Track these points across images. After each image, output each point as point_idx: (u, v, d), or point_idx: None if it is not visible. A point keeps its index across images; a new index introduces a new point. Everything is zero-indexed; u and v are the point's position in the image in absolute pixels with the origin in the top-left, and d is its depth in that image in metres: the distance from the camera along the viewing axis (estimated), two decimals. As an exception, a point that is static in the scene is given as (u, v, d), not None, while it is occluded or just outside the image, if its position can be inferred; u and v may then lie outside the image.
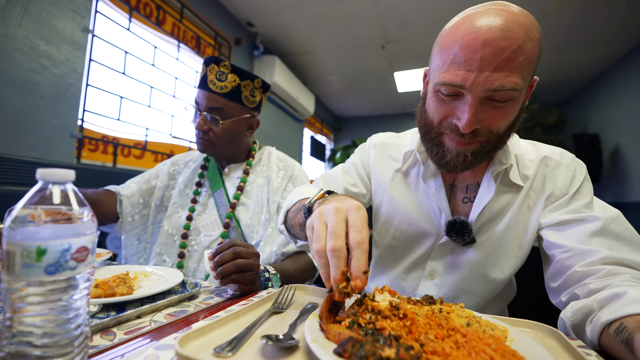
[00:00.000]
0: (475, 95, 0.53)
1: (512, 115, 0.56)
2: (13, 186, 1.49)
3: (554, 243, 0.60)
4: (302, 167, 1.14)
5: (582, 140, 4.36)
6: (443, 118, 0.59)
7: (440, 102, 0.58)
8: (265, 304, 0.54)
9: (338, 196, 0.50)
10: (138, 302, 0.55)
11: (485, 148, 0.59)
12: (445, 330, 0.37)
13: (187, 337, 0.37)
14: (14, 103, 1.51)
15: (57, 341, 0.29)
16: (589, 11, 2.95)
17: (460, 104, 0.55)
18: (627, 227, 0.57)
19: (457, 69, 0.53)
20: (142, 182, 1.09)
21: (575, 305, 0.51)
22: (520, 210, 0.66)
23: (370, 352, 0.31)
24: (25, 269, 0.28)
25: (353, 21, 3.20)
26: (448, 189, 0.72)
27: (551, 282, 0.61)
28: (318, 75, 4.61)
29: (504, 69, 0.50)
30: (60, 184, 0.32)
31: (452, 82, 0.53)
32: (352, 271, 0.38)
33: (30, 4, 1.56)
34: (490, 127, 0.56)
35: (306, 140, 5.46)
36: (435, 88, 0.58)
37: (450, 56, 0.54)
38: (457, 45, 0.53)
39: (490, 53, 0.50)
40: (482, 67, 0.51)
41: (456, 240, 0.67)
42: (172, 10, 2.62)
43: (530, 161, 0.68)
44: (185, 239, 1.01)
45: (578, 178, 0.64)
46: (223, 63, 0.95)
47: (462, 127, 0.55)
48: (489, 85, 0.51)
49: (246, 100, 1.00)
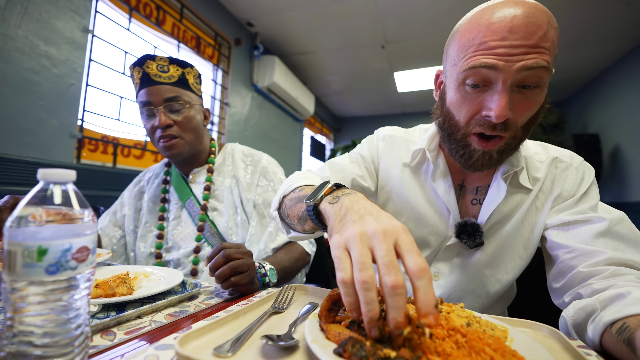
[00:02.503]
0: (507, 79, 0.50)
1: (538, 105, 0.55)
2: (13, 186, 1.49)
3: (558, 243, 0.60)
4: (271, 158, 1.09)
5: (582, 140, 4.36)
6: (471, 116, 0.56)
7: (466, 98, 0.55)
8: (265, 304, 0.54)
9: (352, 196, 0.43)
10: (138, 302, 0.55)
11: (511, 145, 0.58)
12: (446, 330, 0.37)
13: (187, 337, 0.37)
14: (14, 103, 1.51)
15: (58, 341, 0.30)
16: (589, 11, 2.96)
17: (489, 95, 0.53)
18: (632, 229, 0.56)
19: (486, 54, 0.50)
20: (111, 213, 1.08)
21: (578, 305, 0.50)
22: (528, 212, 0.66)
23: (370, 352, 0.31)
24: (26, 268, 0.28)
25: (353, 21, 3.20)
26: (457, 189, 0.70)
27: (554, 282, 0.61)
28: (318, 75, 4.61)
29: (534, 51, 0.49)
30: (61, 184, 0.32)
31: (484, 64, 0.50)
32: (421, 306, 0.31)
33: (30, 4, 1.56)
34: (516, 120, 0.54)
35: (306, 140, 5.46)
36: (460, 80, 0.55)
37: (474, 43, 0.51)
38: (480, 34, 0.51)
39: (519, 39, 0.49)
40: (512, 52, 0.49)
41: (467, 243, 0.66)
42: (172, 10, 2.62)
43: (540, 162, 0.67)
44: (159, 258, 0.98)
45: (587, 181, 0.64)
46: (159, 57, 0.91)
47: (495, 117, 0.51)
48: (524, 64, 0.49)
49: (194, 87, 0.97)
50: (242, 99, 3.48)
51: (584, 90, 4.92)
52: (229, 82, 3.27)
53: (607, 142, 4.26)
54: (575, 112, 5.26)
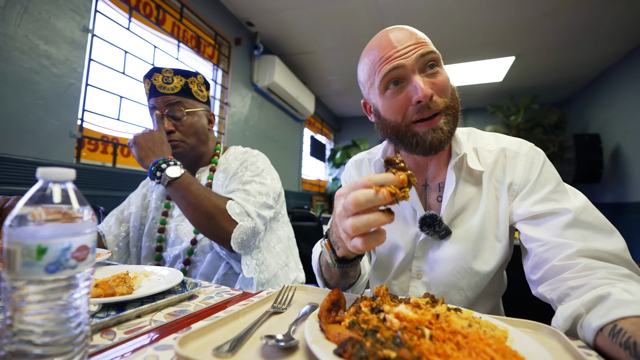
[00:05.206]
0: (414, 68, 0.63)
1: (447, 80, 0.66)
2: (13, 186, 1.49)
3: (530, 237, 0.63)
4: (262, 155, 1.12)
5: (582, 140, 4.36)
6: (405, 109, 0.65)
7: (393, 98, 0.66)
8: (265, 304, 0.54)
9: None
10: (138, 302, 0.55)
11: (451, 115, 0.66)
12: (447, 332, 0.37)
13: (186, 337, 0.37)
14: (13, 103, 1.51)
15: (58, 340, 0.29)
16: (589, 11, 2.95)
17: (408, 87, 0.64)
18: (596, 215, 0.59)
19: (389, 61, 0.64)
20: (118, 212, 1.12)
21: (565, 312, 0.52)
22: (489, 201, 0.69)
23: (370, 352, 0.31)
24: (25, 267, 0.28)
25: (353, 21, 3.20)
26: (422, 189, 0.76)
27: (531, 274, 0.63)
28: (318, 75, 4.61)
29: (418, 45, 0.64)
30: (60, 183, 0.32)
31: (392, 66, 0.63)
32: (387, 180, 0.43)
33: (29, 3, 1.56)
34: (439, 93, 0.64)
35: (306, 140, 5.46)
36: (382, 89, 0.66)
37: (378, 60, 0.65)
38: (379, 54, 0.65)
39: (404, 42, 0.64)
40: (405, 52, 0.63)
41: (430, 234, 0.70)
42: (172, 10, 2.62)
43: (489, 152, 0.72)
44: (160, 251, 1.03)
45: (536, 164, 0.67)
46: (165, 69, 0.99)
47: (422, 97, 0.61)
48: (418, 53, 0.63)
49: (197, 95, 1.03)
50: (242, 99, 3.48)
51: (584, 90, 4.92)
52: (229, 81, 3.27)
53: (608, 142, 4.25)
54: (575, 112, 5.26)
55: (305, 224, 1.82)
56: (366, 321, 0.39)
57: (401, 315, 0.38)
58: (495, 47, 3.67)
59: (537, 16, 3.05)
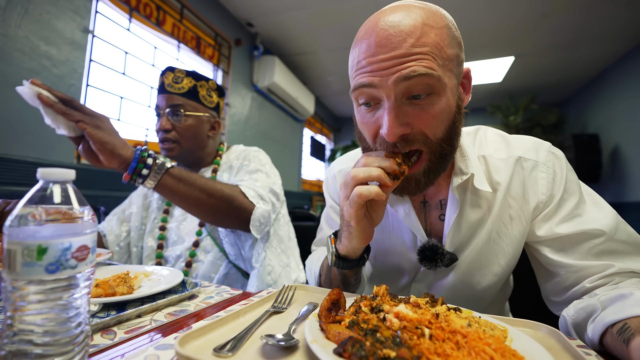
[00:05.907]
0: (389, 94, 0.47)
1: (444, 114, 0.49)
2: (13, 186, 1.49)
3: (558, 261, 0.56)
4: (262, 151, 1.11)
5: (581, 140, 4.37)
6: (374, 136, 0.53)
7: (364, 118, 0.53)
8: (265, 303, 0.54)
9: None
10: (138, 302, 0.55)
11: (435, 162, 0.52)
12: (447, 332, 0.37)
13: (187, 337, 0.37)
14: (14, 103, 1.51)
15: (58, 340, 0.30)
16: (589, 11, 2.96)
17: (380, 113, 0.50)
18: (629, 232, 0.54)
19: (362, 73, 0.49)
20: (120, 211, 1.12)
21: (579, 304, 0.51)
22: (501, 221, 0.60)
23: (370, 351, 0.31)
24: (26, 267, 0.28)
25: (353, 21, 3.20)
26: (420, 207, 0.65)
27: (553, 296, 0.59)
28: (318, 75, 4.61)
29: (408, 60, 0.45)
30: (60, 183, 0.32)
31: (361, 83, 0.49)
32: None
33: (30, 4, 1.56)
34: (423, 131, 0.50)
35: (306, 140, 5.46)
36: (355, 101, 0.54)
37: (355, 63, 0.51)
38: (358, 53, 0.50)
39: (388, 51, 0.46)
40: (384, 66, 0.46)
41: (431, 268, 0.61)
42: (172, 11, 2.62)
43: (500, 161, 0.61)
44: (160, 249, 1.03)
45: (559, 175, 0.58)
46: (178, 69, 1.00)
47: (386, 135, 0.48)
48: (398, 75, 0.45)
49: (204, 100, 1.03)
50: (242, 99, 3.48)
51: (583, 90, 4.93)
52: (229, 82, 3.27)
53: (607, 142, 4.26)
54: (575, 112, 5.26)
55: (305, 224, 1.82)
56: (366, 321, 0.39)
57: (401, 314, 0.38)
58: (494, 47, 3.67)
59: (537, 16, 3.06)
